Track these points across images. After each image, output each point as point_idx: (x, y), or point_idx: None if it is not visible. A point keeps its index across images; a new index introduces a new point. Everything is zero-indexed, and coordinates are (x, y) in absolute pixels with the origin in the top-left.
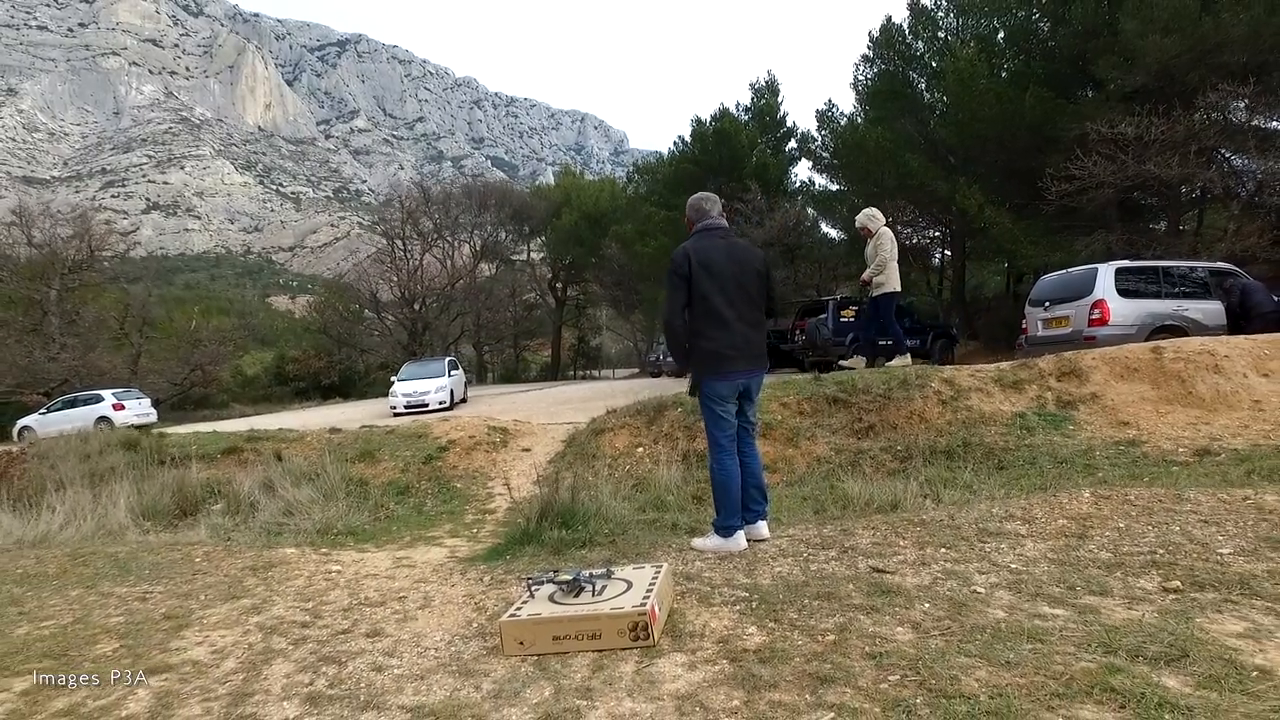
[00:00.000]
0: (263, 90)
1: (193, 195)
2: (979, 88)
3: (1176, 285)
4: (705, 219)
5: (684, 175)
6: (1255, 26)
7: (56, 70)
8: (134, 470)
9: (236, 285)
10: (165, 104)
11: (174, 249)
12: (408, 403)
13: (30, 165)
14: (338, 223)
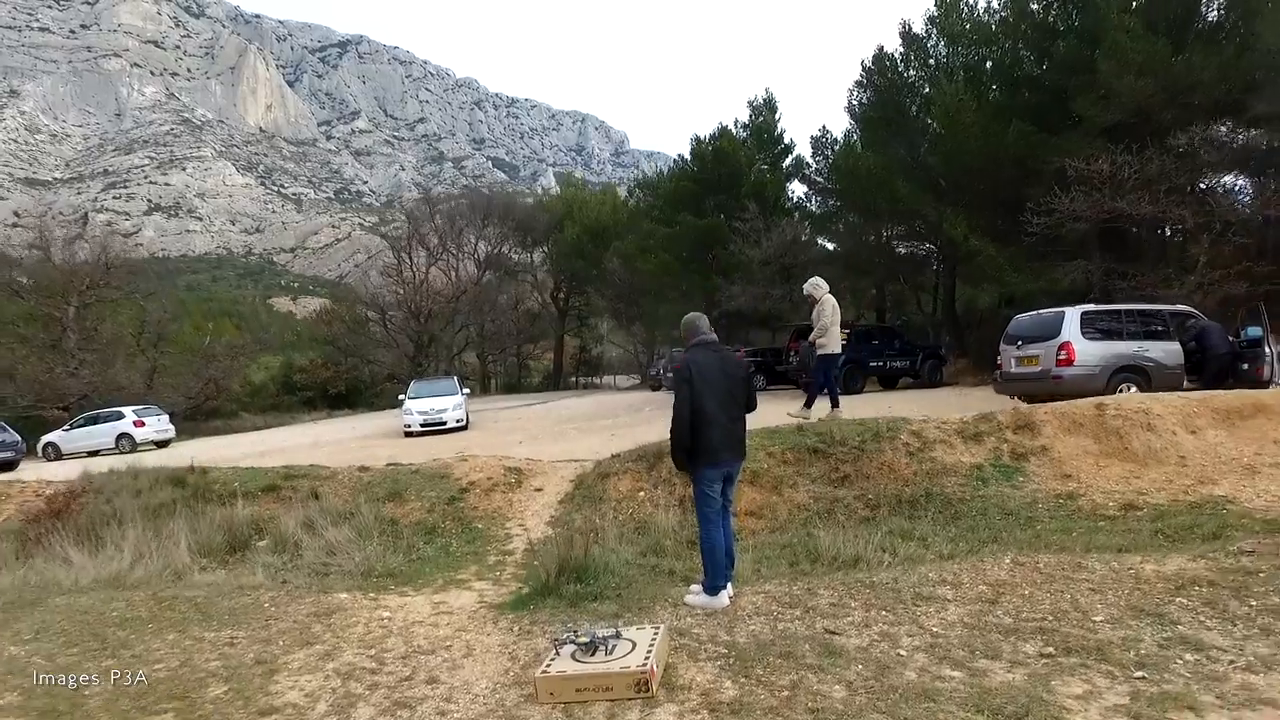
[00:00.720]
0: (264, 91)
1: (194, 197)
2: (965, 121)
3: (1138, 327)
4: (699, 334)
5: (684, 192)
6: (1224, 69)
7: (58, 72)
8: (184, 506)
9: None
10: (167, 105)
11: (175, 250)
12: (424, 421)
13: (32, 167)
14: (339, 224)
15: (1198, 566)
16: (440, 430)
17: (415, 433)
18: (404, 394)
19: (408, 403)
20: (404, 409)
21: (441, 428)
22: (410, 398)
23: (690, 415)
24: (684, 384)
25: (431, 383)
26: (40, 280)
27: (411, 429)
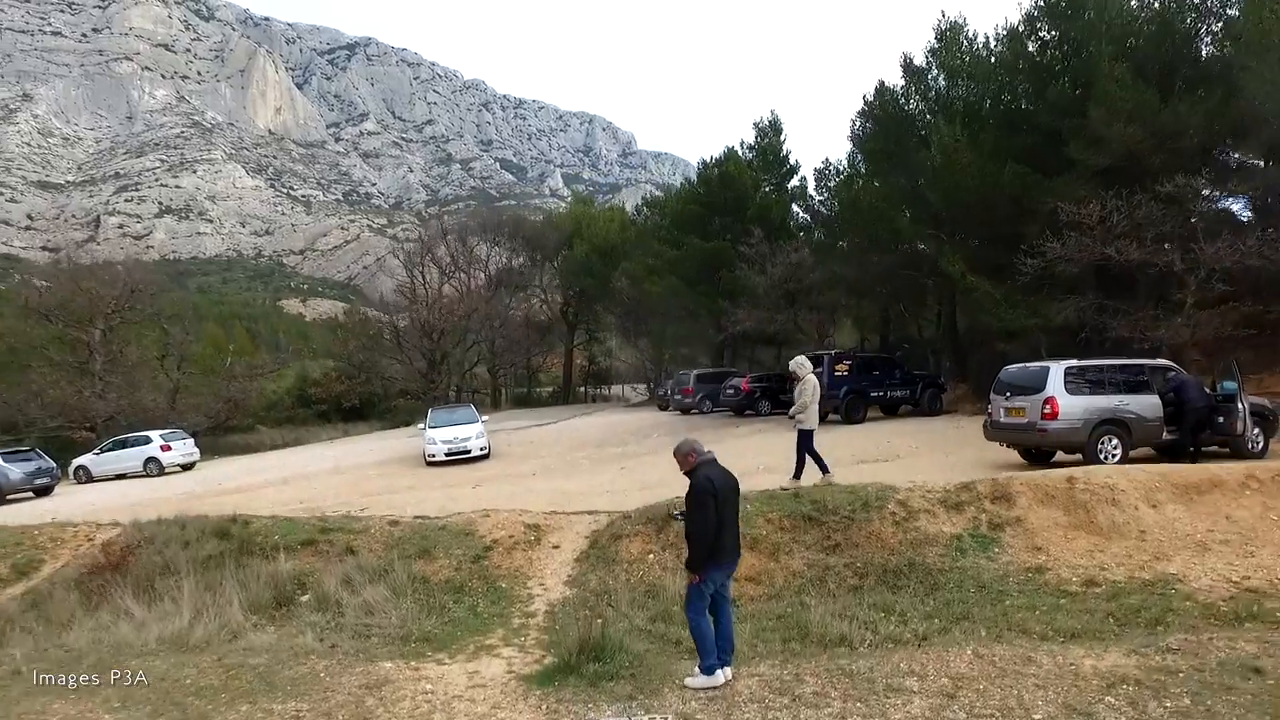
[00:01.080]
0: (273, 94)
1: (205, 199)
2: (962, 161)
3: (1120, 381)
4: (701, 454)
5: (690, 215)
6: (1210, 117)
7: (70, 75)
8: (230, 558)
9: (248, 288)
10: (177, 108)
11: (186, 253)
12: (449, 450)
13: (45, 170)
14: (348, 226)
15: (1129, 664)
16: (463, 459)
17: (439, 461)
18: (423, 423)
19: (429, 432)
20: (427, 438)
21: (465, 456)
22: (431, 426)
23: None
24: (709, 498)
25: (450, 411)
26: (67, 302)
27: (435, 458)
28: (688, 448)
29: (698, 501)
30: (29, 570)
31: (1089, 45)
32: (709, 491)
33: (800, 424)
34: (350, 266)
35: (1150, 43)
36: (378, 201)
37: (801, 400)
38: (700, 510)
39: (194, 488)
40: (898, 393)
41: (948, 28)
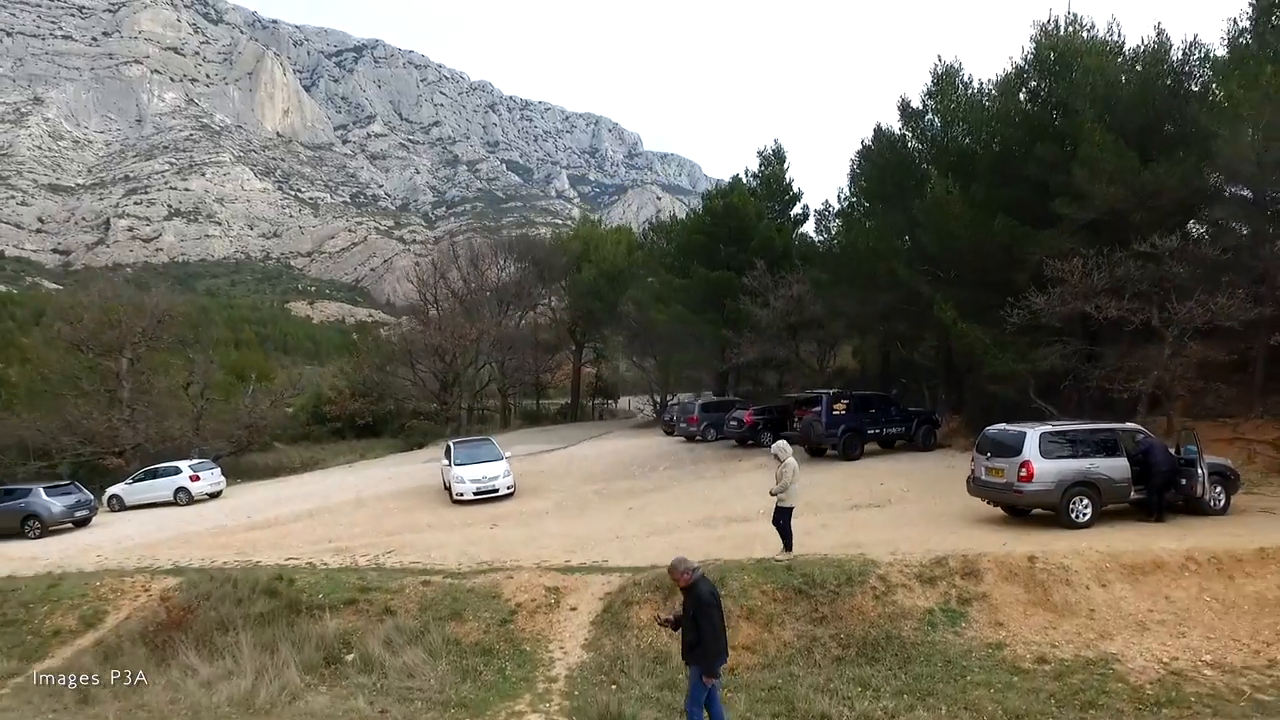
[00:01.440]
0: (281, 96)
1: (213, 201)
2: (954, 211)
3: (1091, 445)
4: (694, 570)
5: (696, 244)
6: (1185, 179)
7: (81, 79)
8: (280, 615)
9: (256, 291)
10: (186, 111)
11: (195, 255)
12: (477, 489)
13: (56, 173)
14: (355, 228)
15: None
16: (492, 496)
17: (467, 500)
18: (445, 458)
19: (456, 469)
20: (454, 476)
21: (494, 495)
22: (458, 464)
23: (709, 628)
24: (715, 610)
25: (474, 447)
26: (98, 334)
27: (464, 496)
28: (683, 567)
29: (710, 612)
30: (95, 622)
31: (1074, 103)
32: (714, 604)
33: (781, 502)
34: (358, 268)
35: (1131, 104)
36: (385, 203)
37: (783, 482)
38: (713, 619)
39: (224, 520)
40: (893, 429)
41: (944, 72)
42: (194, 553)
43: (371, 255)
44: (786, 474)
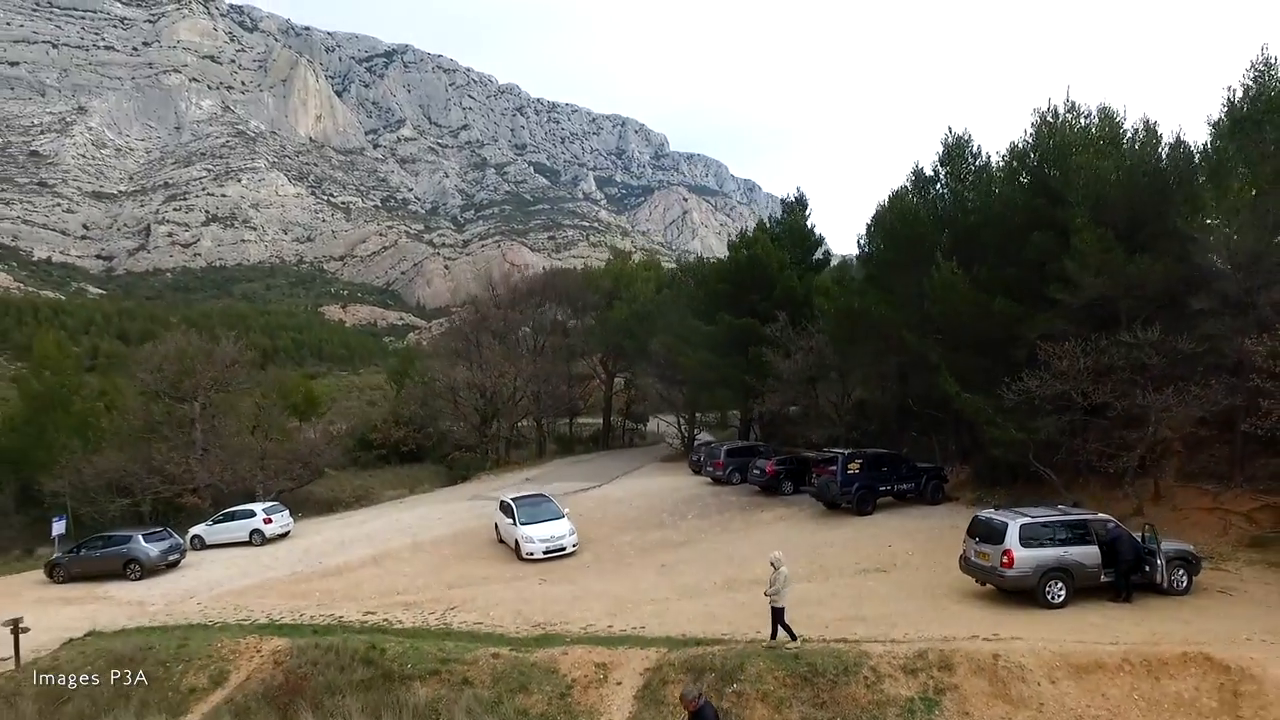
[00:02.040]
0: (314, 102)
1: (249, 207)
2: (958, 290)
3: (1066, 534)
4: (699, 697)
5: (722, 293)
6: (1167, 274)
7: (122, 88)
8: (377, 681)
9: (290, 295)
10: (223, 118)
11: (232, 260)
12: (546, 549)
13: (99, 181)
14: (385, 232)
15: None
16: (560, 555)
17: (537, 559)
18: (510, 519)
19: (524, 529)
20: (523, 535)
21: (561, 554)
22: (523, 523)
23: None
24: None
25: (534, 505)
26: (176, 383)
27: (534, 555)
28: (690, 696)
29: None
30: (221, 680)
31: (1068, 195)
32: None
33: (774, 602)
34: (388, 272)
35: (1119, 200)
36: (415, 207)
37: (776, 586)
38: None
39: (298, 565)
40: (904, 486)
41: (954, 143)
42: (280, 603)
43: (402, 259)
44: (779, 580)
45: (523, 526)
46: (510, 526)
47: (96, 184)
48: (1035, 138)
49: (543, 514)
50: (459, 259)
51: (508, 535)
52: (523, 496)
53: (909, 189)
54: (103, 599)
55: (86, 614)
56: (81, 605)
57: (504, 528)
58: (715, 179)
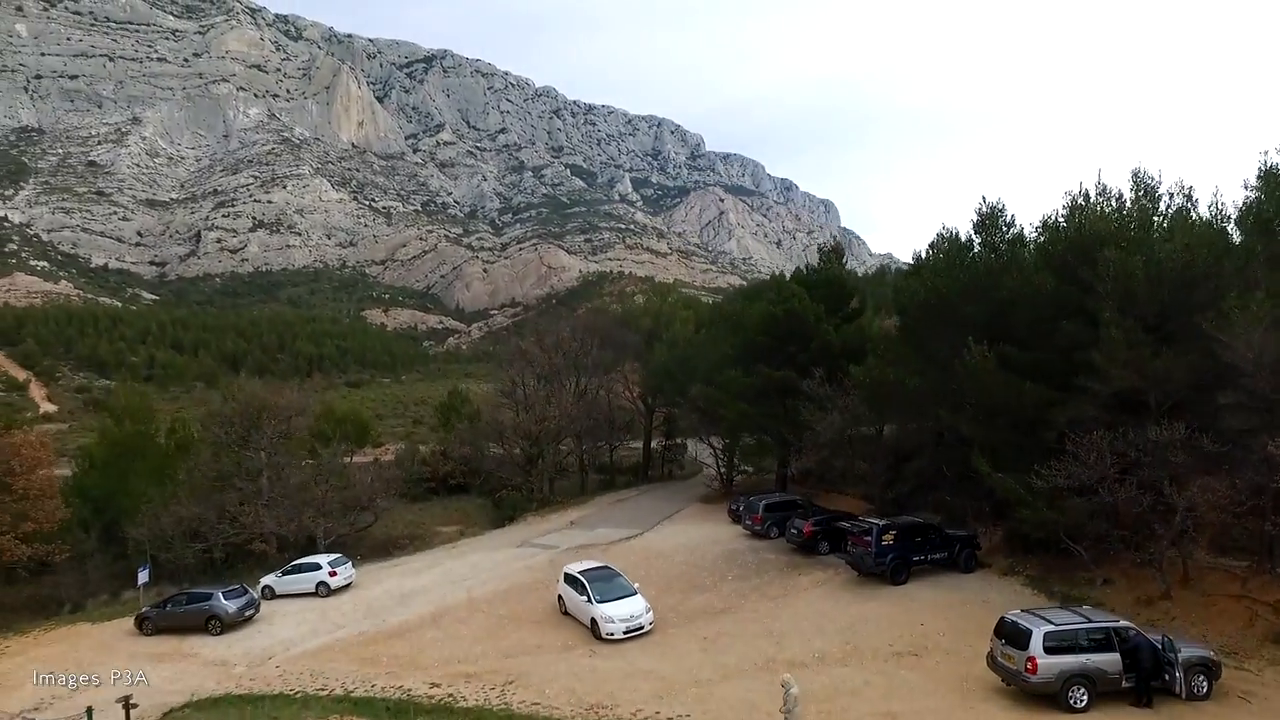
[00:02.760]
0: (356, 109)
1: (294, 213)
2: (988, 370)
3: (1087, 642)
4: None
5: (760, 345)
6: (1192, 369)
7: (174, 98)
8: None
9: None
10: (268, 126)
11: (278, 265)
12: (627, 629)
13: (152, 189)
14: (425, 236)
15: None
16: (639, 634)
17: (617, 639)
18: (584, 596)
19: (601, 608)
20: (602, 615)
21: (639, 633)
22: (599, 601)
23: None
24: None
25: (604, 580)
26: (245, 439)
27: (614, 635)
28: None
29: None
30: None
31: (1096, 286)
32: None
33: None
34: (428, 275)
35: (1147, 296)
36: (453, 211)
37: (787, 706)
38: None
39: (364, 623)
40: (937, 555)
41: (987, 212)
42: (352, 669)
43: (441, 262)
44: (789, 701)
45: (600, 605)
46: (584, 604)
47: (150, 192)
48: (1064, 227)
49: (616, 590)
50: (497, 262)
51: (579, 611)
52: (591, 570)
53: (939, 256)
54: (189, 656)
55: (177, 673)
56: (171, 664)
57: (574, 603)
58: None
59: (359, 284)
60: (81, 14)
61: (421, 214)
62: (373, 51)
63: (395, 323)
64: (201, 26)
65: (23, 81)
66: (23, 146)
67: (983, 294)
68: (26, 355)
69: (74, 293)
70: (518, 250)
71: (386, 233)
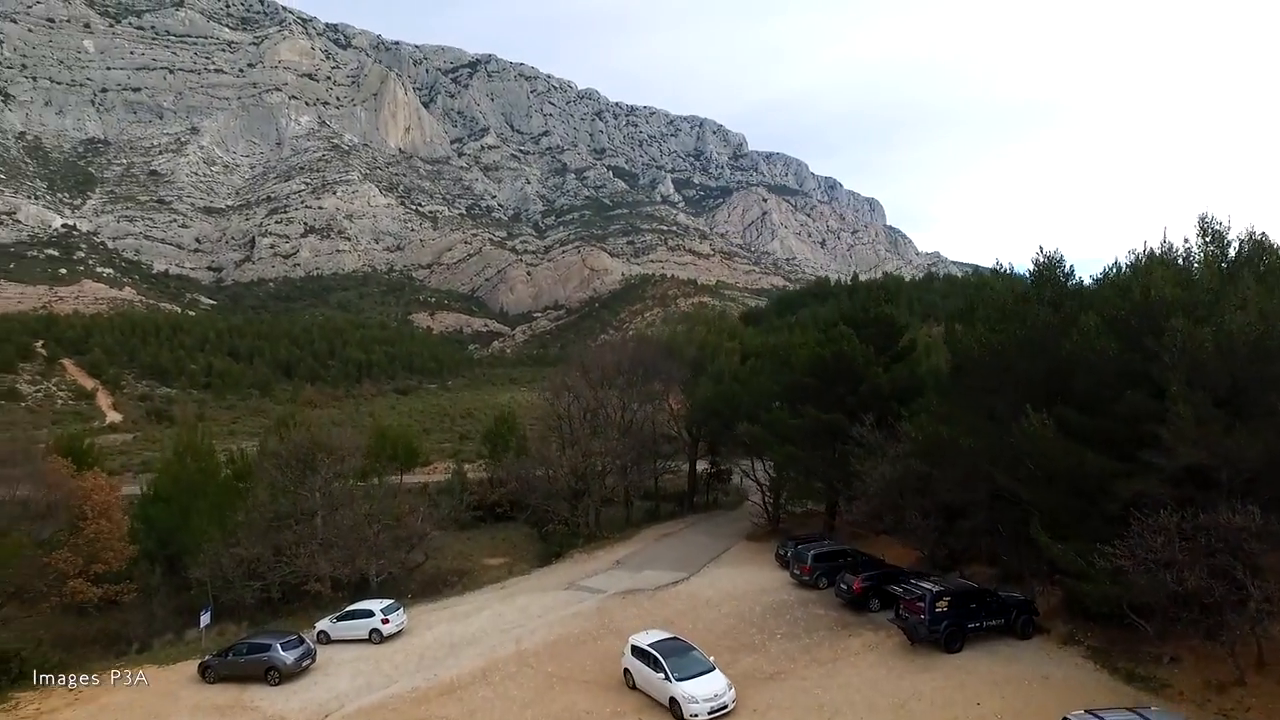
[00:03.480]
0: (403, 115)
1: (344, 218)
2: (1048, 441)
3: None
4: None
5: (808, 388)
6: (1269, 449)
7: (229, 108)
8: None
9: (382, 303)
10: (319, 133)
11: (328, 269)
12: (711, 708)
13: (209, 196)
14: (470, 240)
15: None
16: (724, 714)
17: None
18: (661, 675)
19: (682, 686)
20: (684, 695)
21: (724, 712)
22: (678, 679)
23: None
24: None
25: (680, 655)
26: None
27: (699, 716)
28: None
29: None
30: None
31: (1163, 356)
32: None
33: None
34: (473, 278)
35: (1217, 369)
36: (498, 214)
37: None
38: None
39: (416, 676)
40: (992, 622)
41: (1045, 263)
42: None
43: (486, 266)
44: None
45: (681, 684)
46: (661, 681)
47: (207, 199)
48: (1128, 290)
49: (693, 665)
50: (540, 265)
51: (654, 689)
52: (661, 642)
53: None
54: (250, 710)
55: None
56: (233, 717)
57: (646, 678)
58: (795, 178)
59: (406, 287)
60: (144, 29)
61: (466, 217)
62: (419, 58)
63: (441, 326)
64: (255, 38)
65: (90, 95)
66: (90, 157)
67: (1040, 351)
68: (94, 364)
69: (137, 299)
70: (560, 253)
71: (432, 236)
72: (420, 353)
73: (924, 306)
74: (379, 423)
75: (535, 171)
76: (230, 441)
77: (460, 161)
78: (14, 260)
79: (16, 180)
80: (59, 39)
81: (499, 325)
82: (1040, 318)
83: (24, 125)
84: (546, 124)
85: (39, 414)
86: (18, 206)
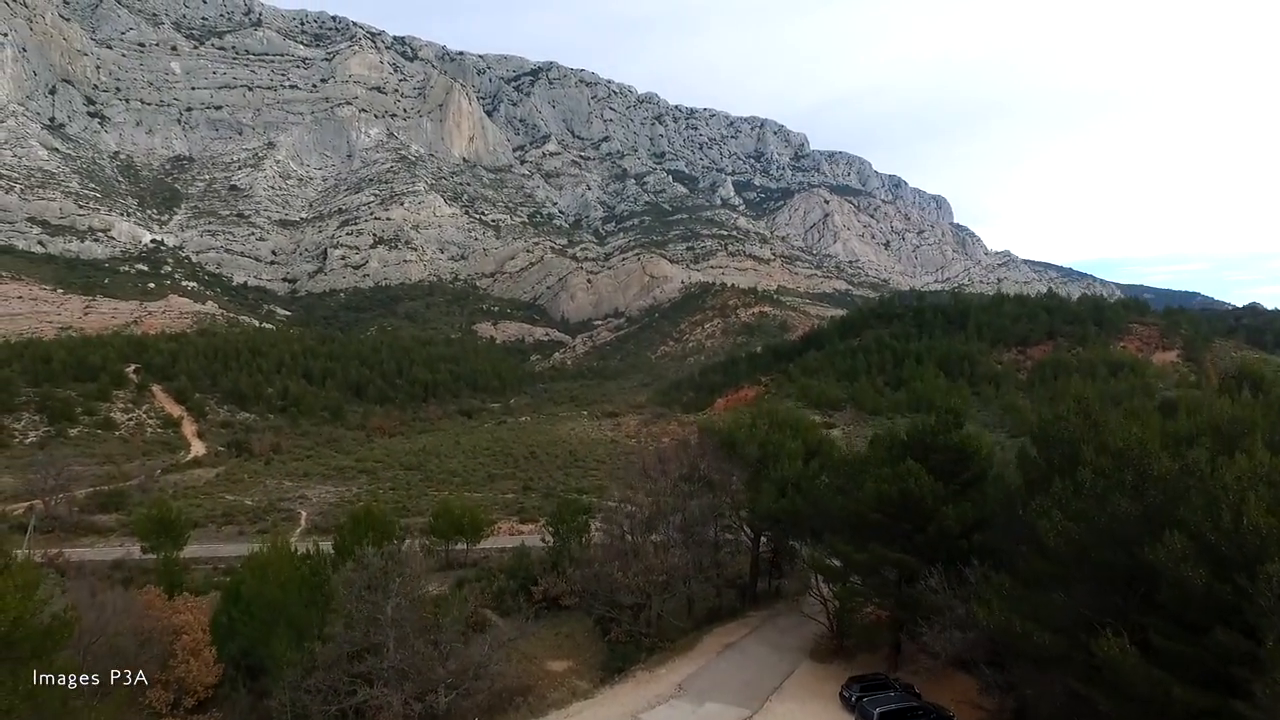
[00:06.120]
0: (467, 124)
1: (410, 229)
2: (1130, 668)
3: None
4: None
5: (873, 523)
6: None
7: (303, 122)
8: None
9: (447, 313)
10: (387, 144)
11: (395, 279)
12: None
13: (284, 210)
14: (532, 248)
15: None
16: None
17: None
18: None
19: None
20: None
21: None
22: None
23: None
24: None
25: None
26: (372, 583)
27: None
28: None
29: None
30: None
31: (1258, 600)
32: None
33: None
34: (535, 287)
35: None
36: (559, 221)
37: None
38: None
39: None
40: None
41: (1130, 437)
42: None
43: (547, 274)
44: None
45: None
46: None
47: (282, 213)
48: (1217, 510)
49: None
50: (601, 272)
51: None
52: None
53: (1072, 482)
54: None
55: None
56: None
57: None
58: (858, 177)
59: (470, 296)
60: (225, 49)
61: (528, 225)
62: (482, 67)
63: (504, 335)
64: (328, 53)
65: (176, 114)
66: (175, 174)
67: (1125, 546)
68: (180, 391)
69: (219, 312)
70: (620, 260)
71: (495, 245)
72: (483, 369)
73: (993, 331)
74: (445, 504)
75: (595, 177)
76: (304, 485)
77: (522, 169)
78: (108, 275)
79: (111, 198)
80: (149, 61)
81: (560, 334)
82: (1121, 509)
83: (117, 145)
84: (606, 129)
85: (130, 444)
86: (112, 224)
